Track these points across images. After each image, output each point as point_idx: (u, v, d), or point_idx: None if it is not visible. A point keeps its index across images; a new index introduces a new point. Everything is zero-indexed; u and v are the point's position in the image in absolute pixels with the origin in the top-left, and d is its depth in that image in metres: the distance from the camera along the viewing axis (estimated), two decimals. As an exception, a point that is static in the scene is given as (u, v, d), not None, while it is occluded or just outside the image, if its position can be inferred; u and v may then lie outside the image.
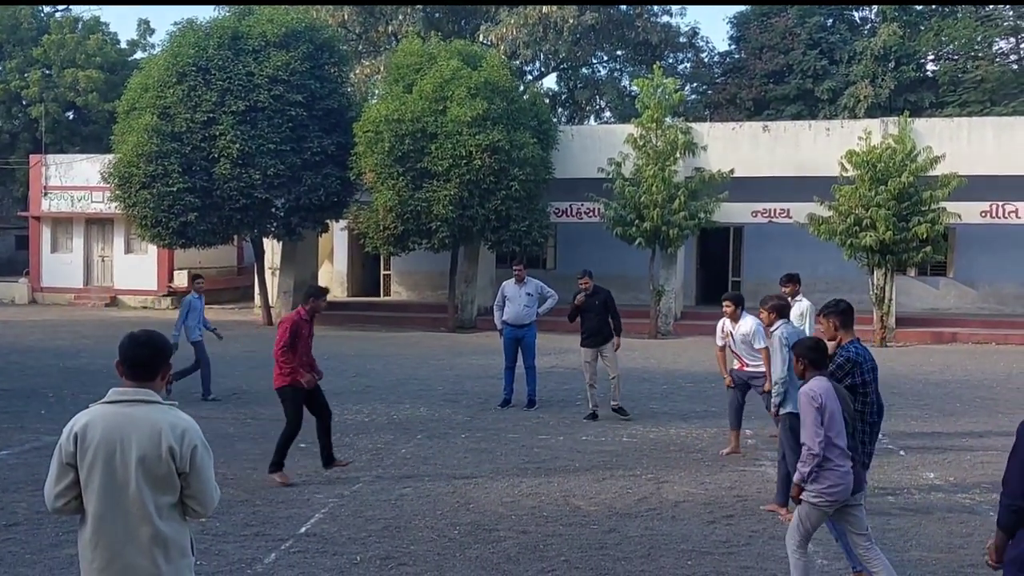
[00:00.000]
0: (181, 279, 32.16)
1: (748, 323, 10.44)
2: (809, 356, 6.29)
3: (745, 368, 10.55)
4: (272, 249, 28.36)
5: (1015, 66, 36.21)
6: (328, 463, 9.84)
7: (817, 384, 6.14)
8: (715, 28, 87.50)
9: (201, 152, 24.39)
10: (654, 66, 26.77)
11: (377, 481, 9.61)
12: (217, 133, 24.18)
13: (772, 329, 9.10)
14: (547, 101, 35.97)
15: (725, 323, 10.79)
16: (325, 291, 10.32)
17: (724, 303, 10.79)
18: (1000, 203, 23.88)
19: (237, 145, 23.92)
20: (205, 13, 78.33)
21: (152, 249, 30.70)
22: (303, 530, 8.01)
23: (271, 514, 8.44)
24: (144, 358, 4.08)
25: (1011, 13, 35.90)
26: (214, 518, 8.04)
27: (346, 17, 36.73)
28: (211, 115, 24.24)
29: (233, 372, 17.04)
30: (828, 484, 6.00)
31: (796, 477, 6.19)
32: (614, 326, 13.11)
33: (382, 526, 8.12)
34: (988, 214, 24.05)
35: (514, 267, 14.24)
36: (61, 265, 33.32)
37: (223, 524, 8.05)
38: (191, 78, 24.42)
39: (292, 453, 10.78)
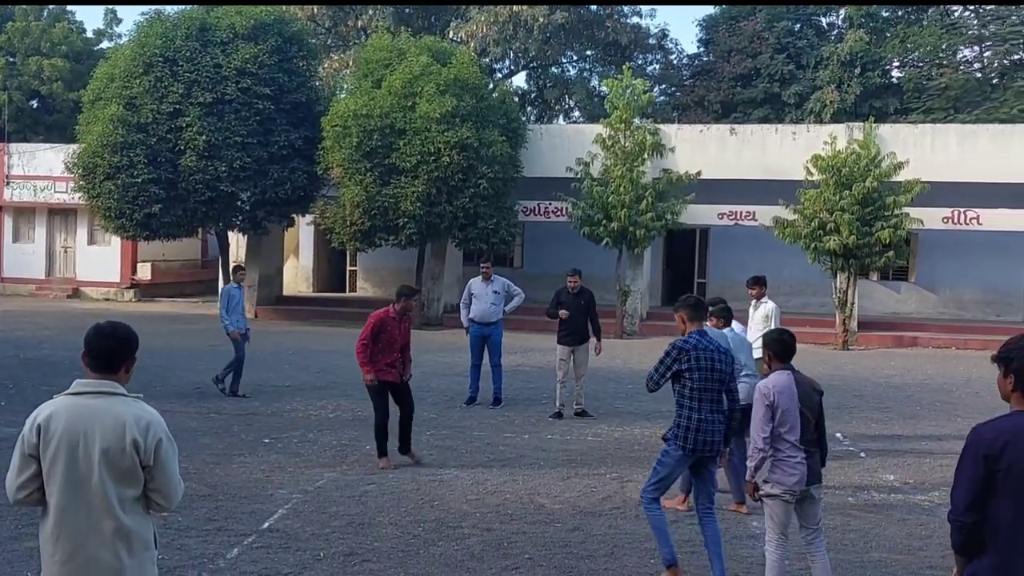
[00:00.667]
0: (144, 271, 31.89)
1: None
2: (773, 348, 6.40)
3: None
4: (237, 243, 28.16)
5: (979, 75, 36.66)
6: (404, 451, 10.22)
7: (775, 380, 6.26)
8: (684, 30, 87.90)
9: (167, 143, 24.19)
10: (623, 67, 26.84)
11: (341, 477, 9.58)
12: (183, 125, 23.99)
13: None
14: (516, 99, 35.93)
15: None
16: (416, 291, 10.30)
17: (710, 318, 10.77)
18: (962, 209, 24.16)
19: (203, 137, 23.74)
20: (174, 3, 77.63)
21: (115, 241, 30.41)
22: (266, 525, 7.97)
23: (234, 509, 8.39)
24: (108, 350, 4.05)
25: (975, 22, 36.35)
26: (176, 512, 7.96)
27: (315, 11, 36.59)
28: (177, 106, 24.05)
29: (197, 366, 16.92)
30: (784, 474, 6.17)
31: (747, 475, 6.31)
32: (593, 328, 13.18)
33: (346, 522, 8.10)
34: (950, 220, 24.33)
35: (481, 265, 14.29)
36: (23, 255, 32.89)
37: (185, 518, 7.99)
38: (158, 69, 24.22)
39: (255, 447, 10.74)
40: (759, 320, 12.00)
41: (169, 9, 26.72)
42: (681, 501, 8.67)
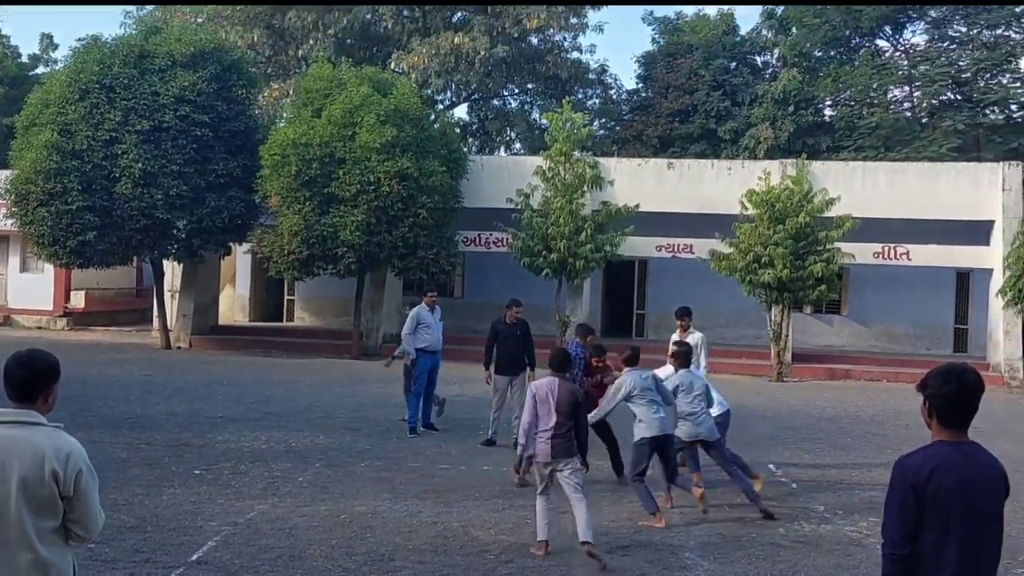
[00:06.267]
0: (78, 300, 31.33)
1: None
2: (552, 363, 8.76)
3: None
4: (172, 271, 27.80)
5: (908, 114, 37.56)
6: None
7: (542, 381, 8.65)
8: (623, 66, 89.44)
9: (102, 171, 23.84)
10: (564, 101, 27.09)
11: (273, 510, 9.46)
12: (119, 152, 23.67)
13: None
14: (458, 130, 36.02)
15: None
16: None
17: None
18: (892, 245, 24.70)
19: (140, 164, 23.45)
20: (111, 29, 76.81)
21: (49, 268, 29.86)
22: (195, 557, 7.85)
23: (163, 541, 8.25)
24: (24, 380, 3.99)
25: (905, 63, 37.29)
26: (103, 544, 7.84)
27: (256, 39, 36.39)
28: (114, 134, 23.74)
29: (128, 396, 16.64)
30: (536, 447, 8.29)
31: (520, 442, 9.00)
32: (528, 359, 13.23)
33: (276, 555, 8.00)
34: (880, 255, 24.85)
35: (428, 294, 14.54)
36: (-50, 282, 32.13)
37: (113, 550, 7.84)
38: (94, 95, 23.90)
39: (186, 479, 10.58)
40: None
41: (107, 35, 26.26)
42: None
